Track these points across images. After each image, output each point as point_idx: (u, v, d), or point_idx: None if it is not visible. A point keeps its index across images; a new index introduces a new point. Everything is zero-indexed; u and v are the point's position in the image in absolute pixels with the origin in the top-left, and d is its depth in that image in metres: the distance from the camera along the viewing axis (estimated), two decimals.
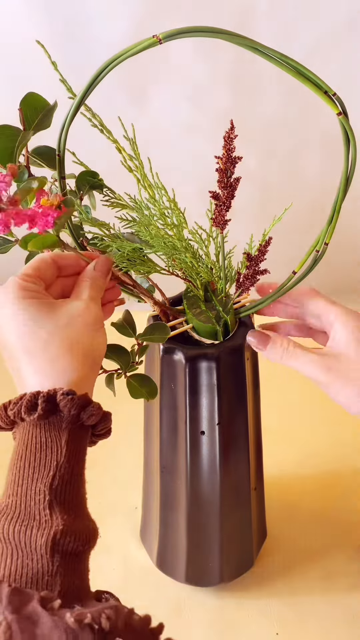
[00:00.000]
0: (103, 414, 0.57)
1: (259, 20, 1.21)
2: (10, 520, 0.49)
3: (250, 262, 0.71)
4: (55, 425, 0.53)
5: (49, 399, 0.53)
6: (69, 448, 0.53)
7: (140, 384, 0.69)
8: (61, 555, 0.48)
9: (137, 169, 0.70)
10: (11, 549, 0.48)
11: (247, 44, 0.48)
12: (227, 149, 0.65)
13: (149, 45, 0.50)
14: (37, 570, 0.47)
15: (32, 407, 0.53)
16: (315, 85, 0.52)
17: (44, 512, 0.49)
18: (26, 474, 0.51)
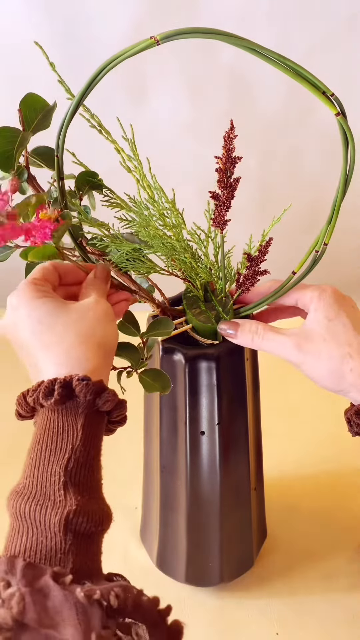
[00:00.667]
0: (118, 400, 0.59)
1: (258, 21, 1.21)
2: (27, 500, 0.51)
3: (251, 262, 0.71)
4: (72, 410, 0.56)
5: (65, 384, 0.55)
6: (85, 432, 0.55)
7: (153, 378, 0.69)
8: (74, 534, 0.50)
9: (136, 170, 0.70)
10: (27, 526, 0.50)
11: (245, 44, 0.48)
12: (227, 149, 0.65)
13: (146, 46, 0.50)
14: (50, 548, 0.49)
15: (49, 392, 0.56)
16: (314, 86, 0.52)
17: (59, 492, 0.52)
18: (43, 456, 0.54)
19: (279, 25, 1.21)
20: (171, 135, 1.33)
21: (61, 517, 0.50)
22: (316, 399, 1.17)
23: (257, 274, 0.71)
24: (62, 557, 0.49)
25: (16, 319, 0.61)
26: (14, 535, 0.50)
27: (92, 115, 0.67)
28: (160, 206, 0.71)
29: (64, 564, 0.48)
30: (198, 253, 0.75)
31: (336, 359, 0.66)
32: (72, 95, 0.64)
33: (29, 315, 0.60)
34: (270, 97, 1.30)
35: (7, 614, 0.43)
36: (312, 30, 1.22)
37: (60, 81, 0.64)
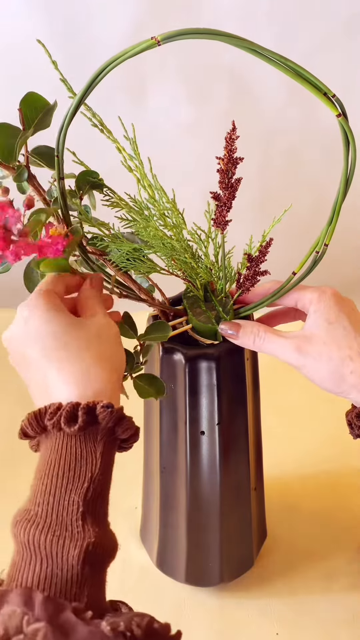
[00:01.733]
0: (135, 428, 0.58)
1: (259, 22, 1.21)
2: (42, 530, 0.50)
3: (251, 262, 0.71)
4: (91, 437, 0.54)
5: (89, 410, 0.54)
6: (104, 460, 0.54)
7: (147, 383, 0.69)
8: (90, 567, 0.49)
9: (136, 169, 0.70)
10: (41, 558, 0.48)
11: (246, 45, 0.48)
12: (229, 149, 0.65)
13: (147, 47, 0.50)
14: (66, 581, 0.47)
15: (72, 418, 0.54)
16: (315, 87, 0.52)
17: (77, 523, 0.50)
18: (59, 484, 0.52)
19: (279, 26, 1.21)
20: (171, 135, 1.33)
21: (80, 550, 0.49)
22: (316, 399, 1.17)
23: (257, 275, 0.71)
24: (77, 590, 0.48)
25: (27, 332, 0.59)
26: (24, 565, 0.48)
27: (94, 114, 0.67)
28: (161, 206, 0.71)
29: (79, 597, 0.47)
30: (198, 253, 0.75)
31: (336, 362, 0.66)
32: (74, 94, 0.64)
33: (42, 329, 0.58)
34: (270, 97, 1.30)
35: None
36: (312, 31, 1.22)
37: (62, 80, 0.63)
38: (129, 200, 0.72)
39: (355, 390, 0.66)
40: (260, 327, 0.70)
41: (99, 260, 0.71)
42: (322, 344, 0.66)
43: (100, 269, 0.72)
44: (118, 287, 0.73)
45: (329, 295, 0.69)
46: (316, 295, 0.69)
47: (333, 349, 0.66)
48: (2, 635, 0.42)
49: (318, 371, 0.67)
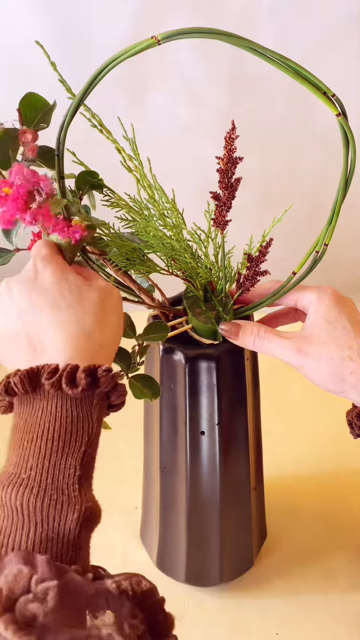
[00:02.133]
0: (125, 393, 0.58)
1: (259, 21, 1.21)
2: (37, 494, 0.49)
3: (251, 263, 0.71)
4: (87, 400, 0.54)
5: (90, 373, 0.53)
6: (98, 424, 0.54)
7: (143, 384, 0.69)
8: (85, 531, 0.49)
9: (136, 169, 0.70)
10: (35, 522, 0.47)
11: (246, 45, 0.48)
12: (228, 149, 0.65)
13: (147, 46, 0.50)
14: (62, 545, 0.47)
15: (73, 379, 0.53)
16: (314, 87, 0.52)
17: (74, 487, 0.50)
18: (56, 447, 0.51)
19: (279, 26, 1.21)
20: (171, 135, 1.33)
21: (79, 514, 0.48)
22: (316, 399, 1.17)
23: (257, 274, 0.71)
24: (73, 554, 0.47)
25: (37, 283, 0.57)
26: (15, 530, 0.47)
27: (93, 115, 0.67)
28: (161, 206, 0.71)
29: (76, 561, 0.47)
30: (198, 253, 0.75)
31: (336, 362, 0.66)
32: (72, 95, 0.64)
33: (54, 285, 0.57)
34: (270, 97, 1.30)
35: (40, 609, 0.40)
36: (312, 31, 1.22)
37: (61, 80, 0.63)
38: (129, 200, 0.72)
39: (355, 390, 0.66)
40: (260, 328, 0.70)
41: (99, 260, 0.71)
42: (321, 344, 0.66)
43: (100, 268, 0.72)
44: (118, 287, 0.73)
45: (328, 295, 0.69)
46: (316, 295, 0.69)
47: (333, 349, 0.66)
48: (7, 595, 0.41)
49: (318, 371, 0.67)
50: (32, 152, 0.62)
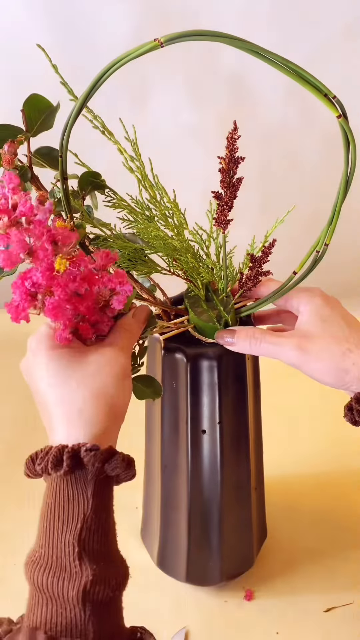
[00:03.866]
0: (127, 463, 0.58)
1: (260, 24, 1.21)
2: (44, 571, 0.52)
3: (254, 263, 0.71)
4: (81, 478, 0.55)
5: (73, 454, 0.54)
6: (95, 499, 0.54)
7: (145, 385, 0.69)
8: (92, 604, 0.50)
9: (137, 170, 0.71)
10: (46, 598, 0.50)
11: (248, 47, 0.49)
12: (230, 149, 0.66)
13: (150, 48, 0.50)
14: (70, 620, 0.49)
15: (58, 462, 0.55)
16: (316, 88, 0.52)
17: (74, 563, 0.51)
18: (55, 526, 0.53)
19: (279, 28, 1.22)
20: (173, 136, 1.34)
21: (79, 589, 0.50)
22: (316, 399, 1.17)
23: (259, 275, 0.71)
24: (83, 628, 0.49)
25: (35, 366, 0.60)
26: (34, 605, 0.51)
27: (95, 117, 0.67)
28: (162, 206, 0.71)
29: (85, 634, 0.49)
30: (200, 253, 0.75)
31: (337, 356, 0.67)
32: (75, 97, 0.64)
33: (46, 365, 0.59)
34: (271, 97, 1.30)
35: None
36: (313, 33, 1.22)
37: (63, 83, 0.64)
38: (131, 201, 0.72)
39: (357, 381, 0.67)
40: (255, 330, 0.70)
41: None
42: (320, 339, 0.67)
43: None
44: None
45: (317, 295, 0.71)
46: (305, 295, 0.71)
47: (332, 343, 0.67)
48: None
49: (320, 367, 0.67)
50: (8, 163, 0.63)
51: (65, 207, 0.65)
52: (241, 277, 0.73)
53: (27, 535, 0.96)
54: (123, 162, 0.70)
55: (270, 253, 0.71)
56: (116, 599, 0.53)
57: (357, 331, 0.69)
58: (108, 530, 0.55)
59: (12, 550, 0.95)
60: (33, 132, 0.66)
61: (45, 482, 0.57)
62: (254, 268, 0.71)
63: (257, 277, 0.72)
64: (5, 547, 0.96)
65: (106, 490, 0.56)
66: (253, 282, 0.72)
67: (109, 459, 0.56)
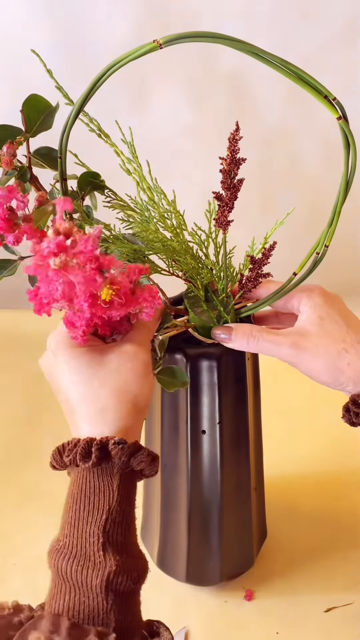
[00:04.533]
0: (152, 459, 0.59)
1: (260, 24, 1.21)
2: (68, 560, 0.53)
3: (254, 265, 0.71)
4: (108, 471, 0.56)
5: (101, 447, 0.56)
6: (120, 492, 0.56)
7: (170, 376, 0.69)
8: (115, 593, 0.52)
9: (135, 172, 0.71)
10: (69, 586, 0.51)
11: (248, 49, 0.48)
12: (232, 150, 0.66)
13: (149, 50, 0.50)
14: (92, 608, 0.50)
15: (87, 454, 0.56)
16: (316, 90, 0.52)
17: (98, 553, 0.53)
18: (81, 516, 0.55)
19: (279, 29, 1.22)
20: (172, 136, 1.34)
21: (102, 578, 0.51)
22: (316, 399, 1.17)
23: (259, 277, 0.71)
24: (105, 616, 0.50)
25: (56, 365, 0.61)
26: (57, 593, 0.52)
27: (91, 120, 0.67)
28: (161, 208, 0.71)
29: (106, 623, 0.50)
30: (199, 254, 0.75)
31: (333, 354, 0.67)
32: (69, 100, 0.65)
33: (67, 364, 0.60)
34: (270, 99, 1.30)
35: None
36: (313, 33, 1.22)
37: (57, 87, 0.64)
38: (130, 201, 0.72)
39: (352, 382, 0.67)
40: (252, 327, 0.70)
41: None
42: (317, 338, 0.68)
43: None
44: None
45: (317, 293, 0.71)
46: (305, 294, 0.71)
47: (328, 342, 0.67)
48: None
49: (316, 365, 0.68)
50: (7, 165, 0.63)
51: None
52: (241, 278, 0.73)
53: (27, 535, 0.97)
54: (120, 164, 0.70)
55: (270, 255, 0.71)
56: (136, 591, 0.54)
57: (355, 331, 0.69)
58: (131, 524, 0.57)
59: (12, 550, 0.95)
60: (32, 133, 0.66)
61: (70, 475, 0.59)
62: (254, 270, 0.71)
63: (257, 279, 0.71)
64: (5, 547, 0.96)
65: (130, 485, 0.58)
66: (253, 283, 0.72)
67: (135, 453, 0.57)
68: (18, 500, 1.04)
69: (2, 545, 0.97)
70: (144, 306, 0.59)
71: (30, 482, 1.07)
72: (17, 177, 0.66)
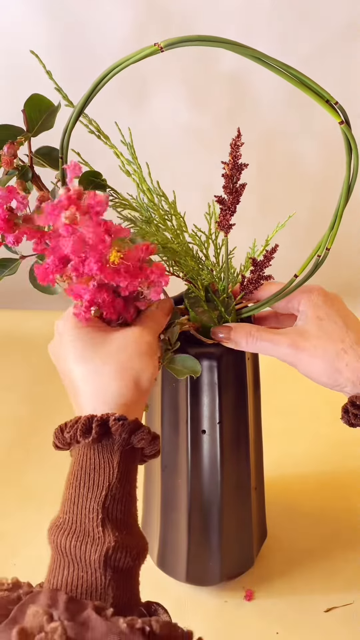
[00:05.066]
0: (152, 437, 0.59)
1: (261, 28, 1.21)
2: (67, 535, 0.53)
3: (255, 267, 0.71)
4: (108, 448, 0.57)
5: (102, 423, 0.56)
6: (120, 469, 0.56)
7: (182, 365, 0.70)
8: (113, 569, 0.51)
9: (135, 173, 0.71)
10: (68, 561, 0.52)
11: (249, 53, 0.48)
12: (234, 155, 0.66)
13: (150, 53, 0.50)
14: (91, 583, 0.50)
15: (87, 430, 0.56)
16: (317, 95, 0.52)
17: (97, 529, 0.53)
18: (81, 493, 0.55)
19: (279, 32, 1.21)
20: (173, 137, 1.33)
21: (100, 553, 0.51)
22: (316, 399, 1.17)
23: (261, 279, 0.72)
24: (103, 592, 0.50)
25: (61, 346, 0.62)
26: (56, 568, 0.52)
27: (90, 121, 0.67)
28: (161, 210, 0.71)
29: (104, 598, 0.50)
30: (199, 255, 0.75)
31: (331, 355, 0.67)
32: (69, 102, 0.65)
33: (72, 343, 0.61)
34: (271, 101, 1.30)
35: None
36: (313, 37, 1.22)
37: (57, 89, 0.64)
38: (132, 200, 0.72)
39: (350, 383, 0.67)
40: (252, 327, 0.71)
41: None
42: (316, 338, 0.68)
43: None
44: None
45: (316, 294, 0.71)
46: (304, 295, 0.71)
47: (327, 342, 0.67)
48: (22, 632, 0.45)
49: (313, 366, 0.68)
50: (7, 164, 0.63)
51: None
52: (243, 279, 0.73)
53: (27, 535, 0.97)
54: (120, 166, 0.70)
55: (272, 258, 0.71)
56: (135, 568, 0.54)
57: (354, 331, 0.69)
58: (131, 503, 0.57)
59: (12, 550, 0.95)
60: (34, 133, 0.66)
61: (72, 455, 0.59)
62: (255, 272, 0.71)
63: (258, 281, 0.72)
64: (5, 547, 0.96)
65: (131, 462, 0.58)
66: (254, 285, 0.72)
67: (135, 430, 0.57)
68: (18, 500, 1.04)
69: (2, 545, 0.97)
70: (153, 281, 0.60)
71: (31, 482, 1.07)
72: (18, 176, 0.66)
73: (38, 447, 1.13)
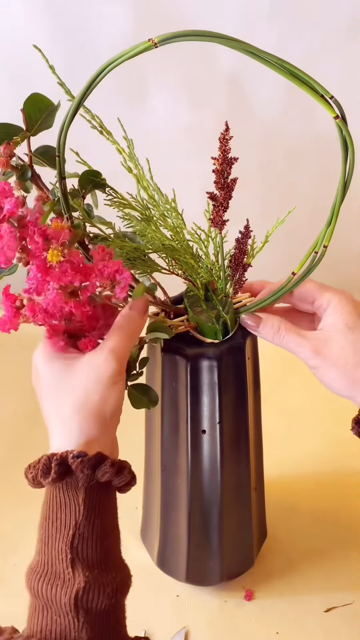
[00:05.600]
0: (118, 468, 0.58)
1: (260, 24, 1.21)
2: (40, 578, 0.52)
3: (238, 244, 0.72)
4: (72, 485, 0.56)
5: (61, 462, 0.55)
6: (87, 506, 0.55)
7: (142, 393, 0.69)
8: (85, 611, 0.51)
9: (136, 168, 0.71)
10: (42, 605, 0.51)
11: (244, 48, 0.48)
12: (223, 150, 0.66)
13: (144, 49, 0.50)
14: (64, 627, 0.50)
15: (47, 470, 0.56)
16: (312, 89, 0.52)
17: (67, 570, 0.52)
18: (50, 534, 0.54)
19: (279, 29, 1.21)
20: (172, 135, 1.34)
21: (70, 596, 0.50)
22: (317, 399, 1.17)
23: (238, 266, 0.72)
24: (76, 635, 0.50)
25: (35, 381, 0.62)
26: (33, 612, 0.52)
27: (93, 117, 0.67)
28: (161, 207, 0.71)
29: (78, 638, 0.49)
30: (199, 253, 0.75)
31: (351, 366, 0.66)
32: (72, 97, 0.64)
33: (41, 378, 0.61)
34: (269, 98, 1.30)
35: None
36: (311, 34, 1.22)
37: (60, 83, 0.64)
38: (131, 199, 0.72)
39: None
40: (281, 324, 0.70)
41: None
42: (340, 348, 0.66)
43: None
44: None
45: (349, 300, 0.69)
46: (337, 298, 0.69)
47: (349, 353, 0.66)
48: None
49: (332, 374, 0.67)
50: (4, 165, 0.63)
51: (63, 207, 0.65)
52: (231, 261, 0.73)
53: (27, 535, 0.97)
54: (121, 162, 0.70)
55: (250, 232, 0.71)
56: (115, 606, 0.53)
57: None
58: (104, 537, 0.55)
59: (12, 550, 0.95)
60: (33, 132, 0.66)
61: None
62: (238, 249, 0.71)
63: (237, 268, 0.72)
64: (5, 547, 0.96)
65: (99, 496, 0.57)
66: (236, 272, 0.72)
67: (98, 464, 0.56)
68: (18, 500, 1.04)
69: (2, 545, 0.97)
70: (114, 278, 0.59)
71: None
72: (18, 176, 0.66)
73: (38, 447, 1.12)
